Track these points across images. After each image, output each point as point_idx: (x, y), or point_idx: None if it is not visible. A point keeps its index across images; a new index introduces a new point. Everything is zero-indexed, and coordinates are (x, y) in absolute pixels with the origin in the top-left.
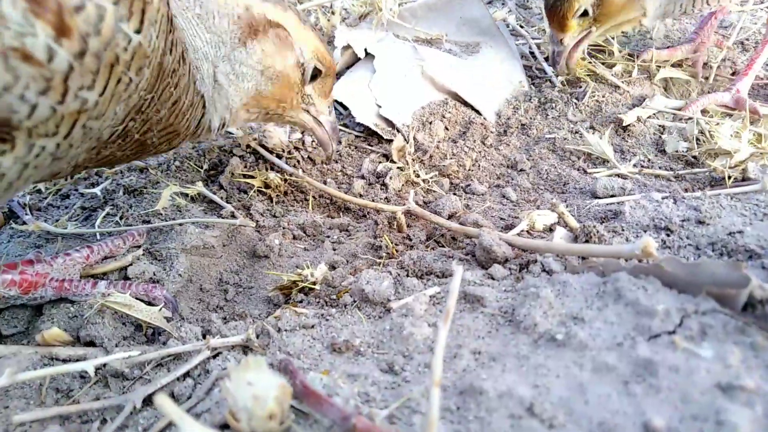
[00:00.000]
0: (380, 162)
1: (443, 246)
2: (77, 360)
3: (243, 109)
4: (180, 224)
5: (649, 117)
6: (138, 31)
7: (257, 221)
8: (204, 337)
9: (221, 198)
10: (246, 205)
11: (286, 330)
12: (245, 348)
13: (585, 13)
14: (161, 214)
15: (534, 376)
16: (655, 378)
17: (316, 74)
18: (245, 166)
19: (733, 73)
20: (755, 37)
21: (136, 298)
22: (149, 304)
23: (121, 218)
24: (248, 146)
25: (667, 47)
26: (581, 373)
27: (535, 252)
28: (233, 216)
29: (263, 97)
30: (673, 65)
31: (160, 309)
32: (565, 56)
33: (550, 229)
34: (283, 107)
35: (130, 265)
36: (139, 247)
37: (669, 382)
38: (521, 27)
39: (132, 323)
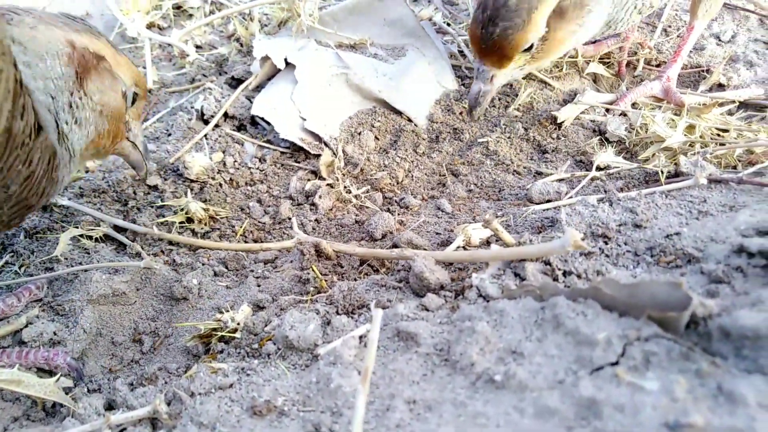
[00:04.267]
0: (309, 180)
1: (377, 271)
2: None
3: (81, 155)
4: (85, 270)
5: (582, 112)
6: None
7: (174, 259)
8: (110, 407)
9: (130, 238)
10: (161, 238)
11: (200, 393)
12: (153, 421)
13: (529, 48)
14: (66, 260)
15: (472, 428)
16: (600, 420)
17: (134, 99)
18: (160, 196)
19: (657, 65)
20: (677, 23)
21: (37, 368)
22: (50, 372)
23: (20, 267)
24: (165, 173)
25: (593, 42)
26: (522, 419)
27: (469, 265)
28: (139, 256)
29: (101, 137)
30: (601, 59)
31: (58, 379)
32: (489, 99)
33: (487, 242)
34: (115, 141)
35: (26, 326)
36: (39, 301)
37: (615, 424)
38: (448, 25)
39: (28, 396)
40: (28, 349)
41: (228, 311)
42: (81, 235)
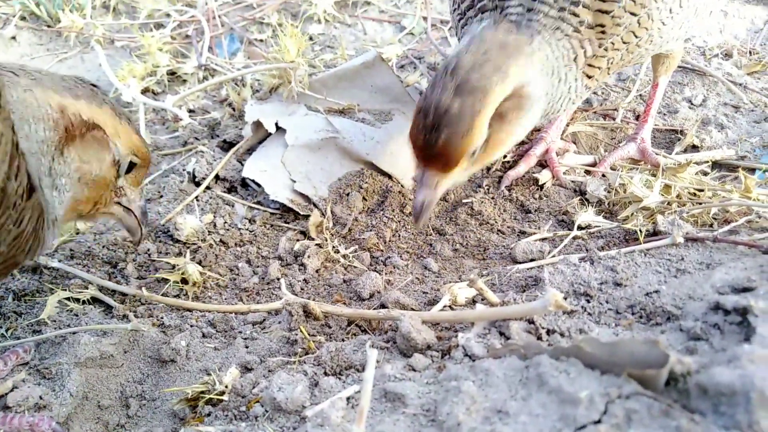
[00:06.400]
0: (298, 240)
1: (365, 331)
2: None
3: (62, 219)
4: (73, 333)
5: (564, 173)
6: None
7: (162, 320)
8: None
9: (119, 300)
10: (149, 300)
11: None
12: None
13: (473, 153)
14: (54, 322)
15: None
16: None
17: (131, 167)
18: (149, 257)
19: (637, 117)
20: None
21: None
22: None
23: (7, 330)
24: (156, 235)
25: (520, 155)
26: None
27: (453, 325)
28: (127, 318)
29: (79, 203)
30: (583, 118)
31: None
32: (434, 205)
33: (473, 301)
34: (97, 207)
35: (11, 391)
36: (26, 364)
37: None
38: None
39: None
40: (13, 415)
41: (216, 373)
42: (69, 298)
